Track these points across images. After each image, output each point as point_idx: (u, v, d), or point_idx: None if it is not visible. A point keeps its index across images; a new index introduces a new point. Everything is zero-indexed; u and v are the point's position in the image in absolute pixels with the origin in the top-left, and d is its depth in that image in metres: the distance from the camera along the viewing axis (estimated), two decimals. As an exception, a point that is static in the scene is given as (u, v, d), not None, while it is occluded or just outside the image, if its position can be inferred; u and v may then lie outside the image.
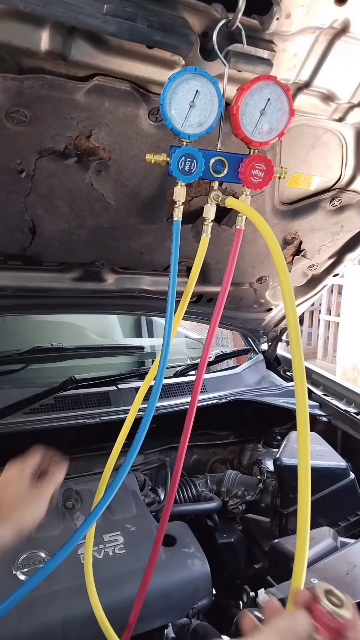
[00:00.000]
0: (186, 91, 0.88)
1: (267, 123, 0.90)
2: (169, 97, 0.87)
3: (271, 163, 0.91)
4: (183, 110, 0.89)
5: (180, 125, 0.90)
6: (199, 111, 0.89)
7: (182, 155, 0.91)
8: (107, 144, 1.13)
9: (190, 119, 0.89)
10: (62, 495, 1.42)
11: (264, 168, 0.91)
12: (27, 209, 1.24)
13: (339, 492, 1.52)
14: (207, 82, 0.87)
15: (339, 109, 1.20)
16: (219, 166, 0.94)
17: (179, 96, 0.88)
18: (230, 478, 1.74)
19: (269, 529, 1.57)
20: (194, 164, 0.92)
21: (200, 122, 0.89)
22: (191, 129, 0.90)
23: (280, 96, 0.89)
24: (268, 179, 0.91)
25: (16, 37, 0.86)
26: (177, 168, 0.92)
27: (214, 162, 0.94)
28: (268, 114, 0.89)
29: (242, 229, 0.97)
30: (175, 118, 0.89)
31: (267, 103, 0.89)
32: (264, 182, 0.91)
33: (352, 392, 2.01)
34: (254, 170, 0.90)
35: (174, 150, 0.92)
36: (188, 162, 0.92)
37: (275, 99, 0.89)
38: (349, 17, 0.97)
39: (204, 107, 0.89)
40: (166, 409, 1.78)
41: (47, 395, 1.70)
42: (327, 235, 1.68)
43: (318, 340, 7.63)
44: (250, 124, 0.90)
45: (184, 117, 0.89)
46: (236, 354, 2.42)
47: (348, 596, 0.64)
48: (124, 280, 1.68)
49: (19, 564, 1.21)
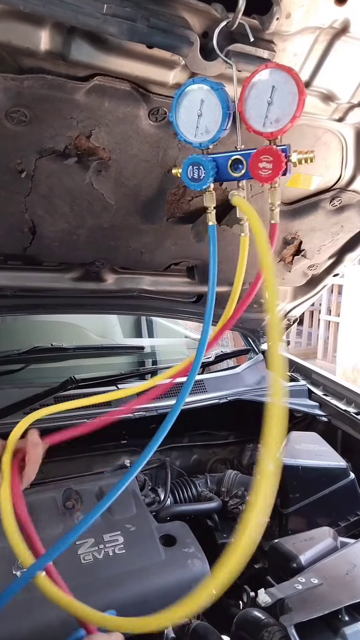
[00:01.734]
0: (191, 103, 0.90)
1: (278, 110, 0.87)
2: (177, 113, 0.91)
3: (279, 153, 0.87)
4: (192, 121, 0.91)
5: (193, 136, 0.92)
6: (207, 118, 0.90)
7: (190, 164, 0.93)
8: (107, 144, 1.13)
9: (200, 128, 0.91)
10: (62, 495, 1.42)
11: (271, 159, 0.88)
12: (27, 209, 1.24)
13: (339, 492, 1.52)
14: (209, 89, 0.88)
15: (339, 109, 1.20)
16: (238, 165, 0.94)
17: (186, 109, 0.91)
18: (230, 478, 1.74)
19: (269, 529, 1.56)
20: (201, 171, 0.93)
21: (209, 128, 0.91)
22: (203, 137, 0.92)
23: (286, 80, 0.85)
24: (277, 169, 0.88)
25: (16, 37, 0.86)
26: (187, 178, 0.94)
27: (232, 163, 0.94)
28: (276, 102, 0.87)
29: (277, 223, 0.96)
30: (187, 130, 0.92)
31: (273, 90, 0.86)
32: (274, 173, 0.89)
33: (352, 392, 2.01)
34: (260, 163, 0.89)
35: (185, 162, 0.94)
36: (196, 170, 0.93)
37: (283, 83, 0.86)
38: (349, 17, 0.97)
39: (211, 113, 0.90)
40: (166, 409, 1.78)
41: (47, 395, 1.70)
42: (327, 235, 1.68)
43: (318, 340, 7.63)
44: (259, 116, 0.88)
45: (195, 128, 0.91)
46: (236, 354, 2.42)
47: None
48: (124, 280, 1.68)
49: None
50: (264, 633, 1.02)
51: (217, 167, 0.94)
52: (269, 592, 1.09)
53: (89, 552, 1.27)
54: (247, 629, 1.07)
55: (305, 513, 1.50)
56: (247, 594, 1.34)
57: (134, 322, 2.72)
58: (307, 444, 1.64)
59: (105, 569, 1.23)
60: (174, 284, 1.75)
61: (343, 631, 1.01)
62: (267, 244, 0.81)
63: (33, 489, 1.54)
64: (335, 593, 1.07)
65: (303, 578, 1.11)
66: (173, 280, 1.74)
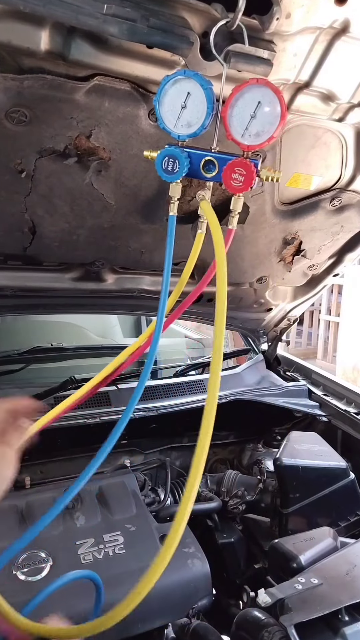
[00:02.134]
0: (178, 93, 0.89)
1: (258, 126, 0.88)
2: (161, 98, 0.90)
3: (252, 169, 0.89)
4: (175, 111, 0.90)
5: (173, 126, 0.91)
6: (190, 112, 0.90)
7: (166, 155, 0.93)
8: (107, 144, 1.13)
9: (182, 120, 0.91)
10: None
11: (244, 173, 0.89)
12: (27, 209, 1.24)
13: (339, 492, 1.52)
14: (197, 84, 0.88)
15: (339, 109, 1.20)
16: (210, 166, 0.95)
17: (171, 97, 0.90)
18: (230, 478, 1.74)
19: (269, 529, 1.56)
20: (176, 165, 0.93)
21: (191, 123, 0.90)
22: (182, 130, 0.91)
23: (272, 99, 0.87)
24: (247, 184, 0.90)
25: (16, 37, 0.86)
26: (161, 167, 0.94)
27: (204, 162, 0.94)
28: (258, 117, 0.88)
29: (233, 229, 0.97)
30: (167, 118, 0.91)
31: (258, 106, 0.87)
32: (244, 187, 0.90)
33: (352, 392, 2.01)
34: (234, 174, 0.90)
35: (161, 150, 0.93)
36: (171, 162, 0.93)
37: (267, 102, 0.87)
38: (349, 17, 0.97)
39: (195, 108, 0.89)
40: (166, 409, 1.78)
41: (47, 395, 1.70)
42: (327, 235, 1.68)
43: (318, 340, 7.63)
44: (240, 126, 0.89)
45: (176, 118, 0.91)
46: (236, 354, 2.42)
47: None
48: (124, 280, 1.68)
49: (19, 564, 1.21)
50: (264, 633, 1.02)
51: (190, 164, 0.94)
52: (269, 592, 1.09)
53: (89, 552, 1.27)
54: (247, 629, 1.07)
55: (305, 513, 1.50)
56: (247, 594, 1.34)
57: (134, 322, 2.72)
58: (307, 444, 1.64)
59: (105, 569, 1.23)
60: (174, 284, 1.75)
61: (343, 631, 1.01)
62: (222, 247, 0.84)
63: (33, 489, 1.54)
64: (335, 593, 1.07)
65: (303, 578, 1.11)
66: (173, 280, 1.73)
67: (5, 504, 1.39)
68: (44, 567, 1.21)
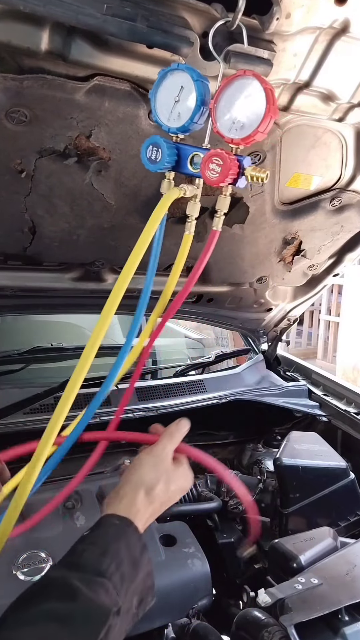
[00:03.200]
0: (172, 86, 0.89)
1: (245, 119, 0.86)
2: (156, 91, 0.90)
3: (228, 160, 0.86)
4: (169, 104, 0.90)
5: (166, 119, 0.91)
6: (182, 106, 0.89)
7: (150, 144, 0.92)
8: (107, 144, 1.13)
9: (174, 114, 0.90)
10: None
11: (221, 163, 0.87)
12: (27, 209, 1.24)
13: (339, 492, 1.52)
14: (189, 78, 0.87)
15: (339, 109, 1.20)
16: (197, 161, 0.94)
17: (166, 91, 0.89)
18: (230, 478, 1.74)
19: (269, 529, 1.56)
20: (159, 154, 0.92)
21: (182, 116, 0.90)
22: (174, 123, 0.91)
23: (259, 92, 0.84)
24: (224, 175, 0.87)
25: (16, 37, 0.86)
26: (145, 156, 0.93)
27: (192, 157, 0.94)
28: (244, 110, 0.86)
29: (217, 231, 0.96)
30: (161, 112, 0.91)
31: (246, 99, 0.85)
32: (220, 178, 0.87)
33: (352, 392, 2.01)
34: (211, 164, 0.87)
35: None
36: (154, 151, 0.92)
37: (255, 94, 0.84)
38: (349, 17, 0.97)
39: (187, 102, 0.89)
40: (166, 409, 1.78)
41: (47, 395, 1.70)
42: (327, 235, 1.68)
43: (318, 340, 7.63)
44: (228, 119, 0.87)
45: (169, 111, 0.90)
46: (236, 354, 2.42)
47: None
48: (124, 280, 1.68)
49: (19, 564, 1.21)
50: (264, 633, 1.02)
51: (177, 157, 0.93)
52: (269, 592, 1.09)
53: (89, 552, 1.27)
54: (247, 629, 1.07)
55: (305, 513, 1.50)
56: (247, 594, 1.34)
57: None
58: (307, 444, 1.64)
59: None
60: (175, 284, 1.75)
61: (343, 631, 1.01)
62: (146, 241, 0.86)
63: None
64: (335, 593, 1.07)
65: (303, 578, 1.11)
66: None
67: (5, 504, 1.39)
68: (44, 567, 1.21)
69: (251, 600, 1.31)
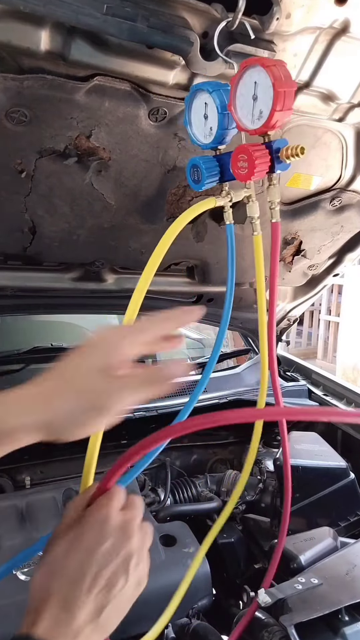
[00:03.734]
0: (198, 108, 0.92)
1: (262, 105, 0.86)
2: (189, 117, 0.94)
3: (250, 151, 0.86)
4: (201, 124, 0.93)
5: (203, 137, 0.94)
6: (211, 121, 0.92)
7: (191, 166, 0.95)
8: (107, 144, 1.13)
9: (206, 129, 0.93)
10: (62, 495, 1.42)
11: (245, 157, 0.87)
12: (27, 209, 1.24)
13: (339, 492, 1.52)
14: (206, 93, 0.90)
15: (339, 109, 1.20)
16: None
17: (195, 113, 0.93)
18: (230, 478, 1.74)
19: (269, 529, 1.56)
20: (199, 173, 0.94)
21: (213, 130, 0.92)
22: (209, 139, 0.94)
23: (262, 73, 0.83)
24: (252, 168, 0.86)
25: (16, 37, 0.86)
26: (190, 179, 0.96)
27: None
28: (260, 97, 0.85)
29: (279, 222, 0.97)
30: (198, 134, 0.95)
31: (256, 86, 0.85)
32: (249, 172, 0.87)
33: (352, 392, 2.01)
34: (239, 162, 0.88)
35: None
36: (195, 172, 0.95)
37: (263, 79, 0.83)
38: (349, 17, 0.97)
39: (214, 115, 0.91)
40: (166, 409, 1.78)
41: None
42: (327, 235, 1.68)
43: (318, 340, 7.63)
44: (248, 113, 0.88)
45: (202, 129, 0.94)
46: (236, 354, 2.42)
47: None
48: (124, 280, 1.68)
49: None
50: (264, 633, 1.02)
51: (220, 168, 0.95)
52: (269, 592, 1.09)
53: (89, 552, 1.27)
54: (247, 628, 1.07)
55: (305, 513, 1.50)
56: (247, 594, 1.34)
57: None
58: (307, 444, 1.64)
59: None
60: (174, 284, 1.75)
61: (343, 631, 1.01)
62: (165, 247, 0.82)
63: (33, 489, 1.54)
64: (335, 593, 1.07)
65: (303, 578, 1.11)
66: (173, 280, 1.74)
67: (5, 504, 1.40)
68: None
69: (251, 600, 1.31)
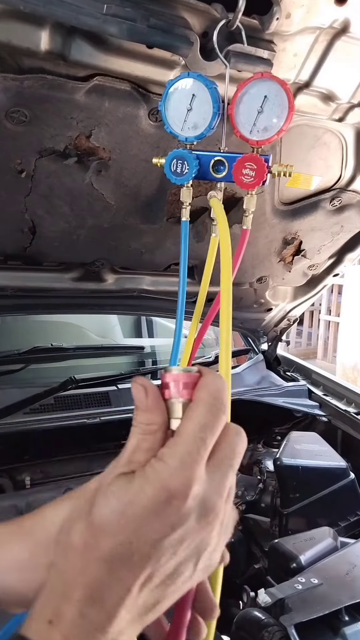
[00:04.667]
0: (183, 95, 0.89)
1: (266, 121, 0.88)
2: (166, 102, 0.89)
3: (262, 162, 0.88)
4: (181, 114, 0.90)
5: (180, 129, 0.91)
6: (196, 114, 0.89)
7: (174, 157, 0.92)
8: (107, 144, 1.13)
9: (188, 123, 0.90)
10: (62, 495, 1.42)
11: (255, 167, 0.88)
12: (27, 209, 1.24)
13: (339, 492, 1.52)
14: (202, 85, 0.87)
15: (339, 109, 1.20)
16: (220, 167, 0.95)
17: (176, 100, 0.89)
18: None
19: (269, 529, 1.56)
20: (185, 166, 0.92)
21: (197, 125, 0.90)
22: (189, 132, 0.91)
23: (278, 92, 0.86)
24: (260, 178, 0.88)
25: (16, 37, 0.86)
26: (169, 170, 0.93)
27: (214, 163, 0.94)
28: (266, 112, 0.87)
29: (248, 229, 0.97)
30: (174, 122, 0.90)
31: (264, 100, 0.87)
32: (256, 182, 0.88)
33: (352, 392, 2.01)
34: (244, 169, 0.88)
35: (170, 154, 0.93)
36: (180, 165, 0.92)
37: (274, 95, 0.86)
38: (349, 17, 0.97)
39: (201, 110, 0.89)
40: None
41: (47, 395, 1.70)
42: (327, 235, 1.68)
43: (318, 340, 7.63)
44: (248, 123, 0.88)
45: (182, 121, 0.90)
46: (236, 354, 2.42)
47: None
48: (124, 280, 1.68)
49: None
50: (264, 633, 1.02)
51: (199, 165, 0.93)
52: (269, 592, 1.09)
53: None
54: (247, 629, 1.07)
55: (305, 513, 1.50)
56: (247, 594, 1.34)
57: (134, 322, 2.72)
58: (307, 444, 1.64)
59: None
60: (174, 284, 1.75)
61: (343, 631, 1.01)
62: (229, 249, 0.81)
63: (33, 489, 1.54)
64: (335, 593, 1.07)
65: (303, 578, 1.11)
66: (173, 280, 1.74)
67: (5, 504, 1.40)
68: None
69: (251, 600, 1.31)
